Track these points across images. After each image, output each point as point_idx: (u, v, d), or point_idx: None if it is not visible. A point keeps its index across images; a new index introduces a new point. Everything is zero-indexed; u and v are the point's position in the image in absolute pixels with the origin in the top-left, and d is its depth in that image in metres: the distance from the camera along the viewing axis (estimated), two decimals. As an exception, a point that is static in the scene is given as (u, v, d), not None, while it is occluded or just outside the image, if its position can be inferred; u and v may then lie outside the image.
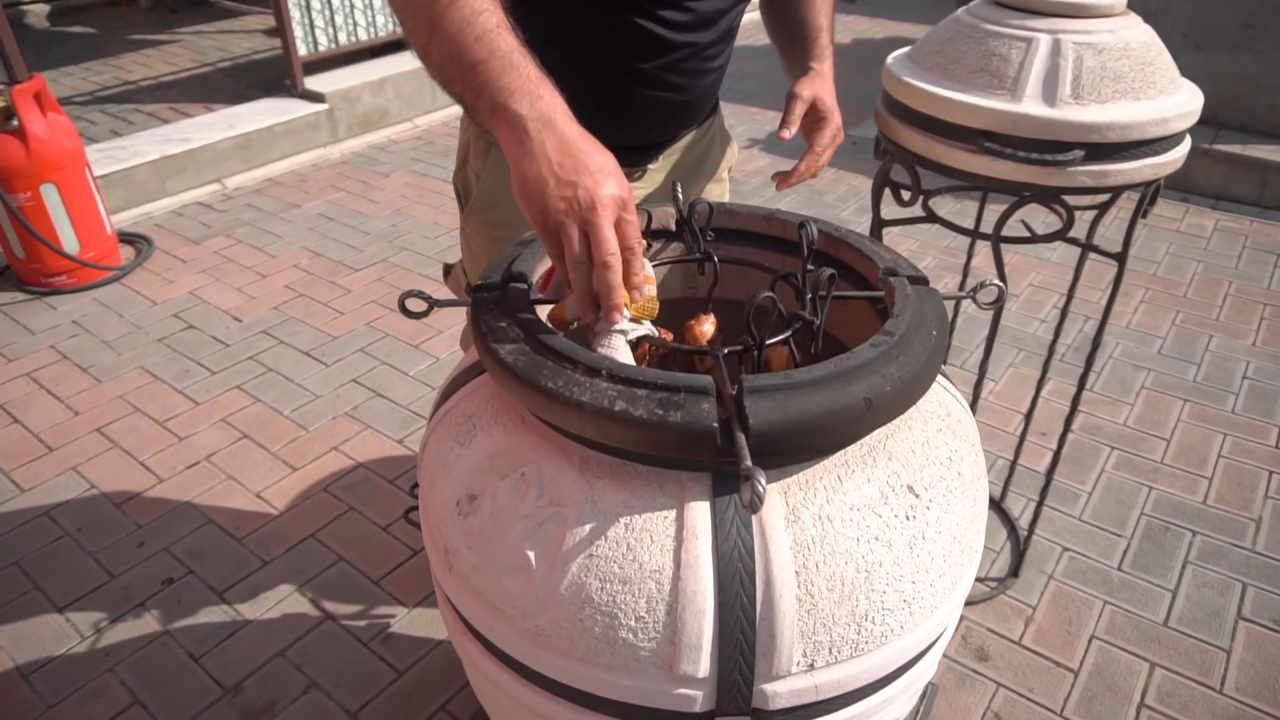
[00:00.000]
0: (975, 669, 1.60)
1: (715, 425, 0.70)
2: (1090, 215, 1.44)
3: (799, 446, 0.74)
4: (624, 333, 0.84)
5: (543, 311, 0.97)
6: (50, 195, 2.74)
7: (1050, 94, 1.22)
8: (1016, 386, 2.39)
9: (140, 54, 5.14)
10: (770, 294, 0.79)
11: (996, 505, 1.96)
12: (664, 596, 0.74)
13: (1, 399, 2.31)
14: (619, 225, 0.78)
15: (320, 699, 1.53)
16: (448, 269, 1.40)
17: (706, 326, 1.05)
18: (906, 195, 1.43)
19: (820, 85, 1.19)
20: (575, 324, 0.86)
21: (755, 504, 0.64)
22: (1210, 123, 3.77)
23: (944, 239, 3.23)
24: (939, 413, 0.89)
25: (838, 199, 3.55)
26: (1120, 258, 1.38)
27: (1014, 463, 1.90)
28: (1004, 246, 1.41)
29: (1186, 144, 1.30)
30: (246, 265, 3.01)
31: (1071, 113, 1.20)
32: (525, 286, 0.89)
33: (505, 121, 0.81)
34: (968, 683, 1.58)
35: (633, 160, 1.25)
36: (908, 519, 0.79)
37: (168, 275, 2.95)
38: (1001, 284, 0.93)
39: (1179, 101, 1.25)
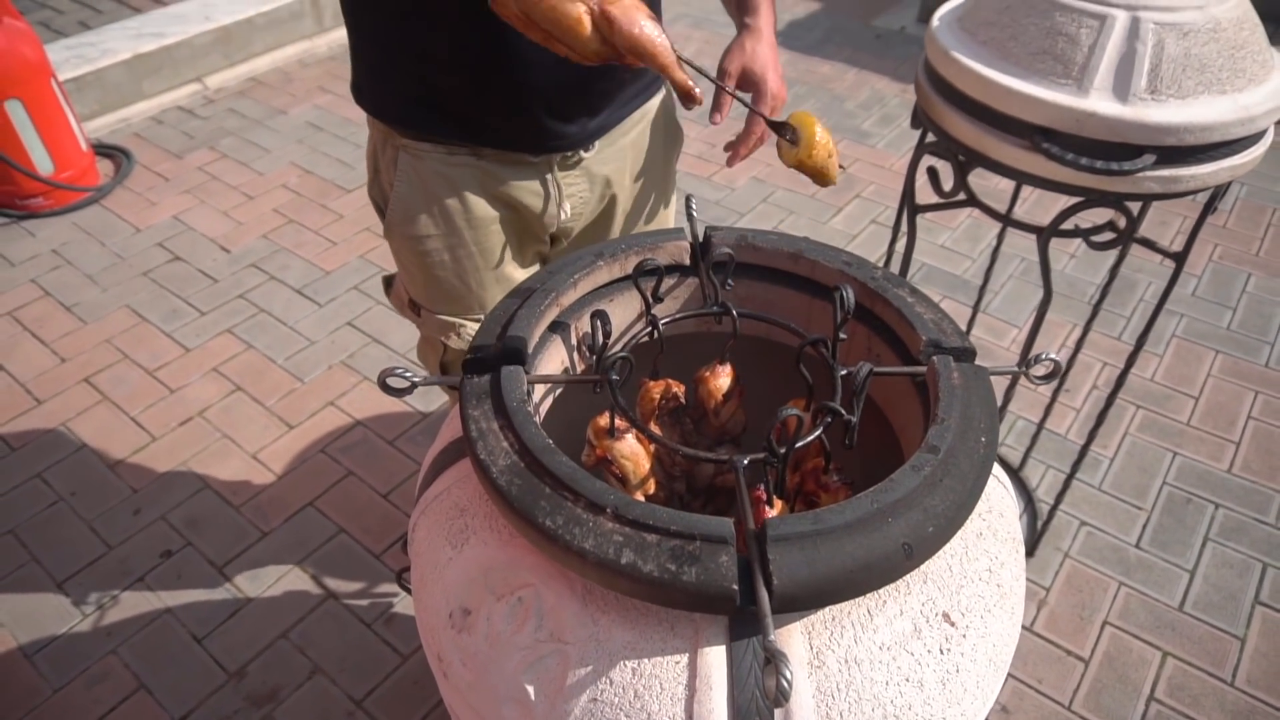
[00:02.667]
0: (984, 656, 1.58)
1: (735, 587, 0.62)
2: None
3: (827, 602, 0.66)
4: None
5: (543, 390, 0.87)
6: (16, 113, 2.55)
7: (1123, 86, 1.06)
8: (1042, 335, 2.28)
9: (106, -76, 4.72)
10: (795, 413, 0.68)
11: (1015, 474, 1.90)
12: (674, 750, 0.68)
13: (-15, 342, 2.23)
14: None
15: (325, 685, 1.53)
16: (388, 283, 1.28)
17: (723, 380, 0.95)
18: (945, 184, 1.29)
19: (751, 49, 1.07)
20: None
21: (780, 699, 0.56)
22: (1271, 18, 3.47)
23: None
24: (980, 510, 0.80)
25: (859, 106, 3.32)
26: (1179, 258, 1.25)
27: (1039, 429, 1.82)
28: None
29: (1269, 136, 1.15)
30: (232, 184, 2.85)
31: (1146, 111, 1.05)
32: (521, 370, 0.79)
33: None
34: (976, 670, 1.56)
35: (558, 140, 1.08)
36: (942, 652, 0.71)
37: (150, 196, 2.80)
38: (1057, 359, 0.82)
39: (1269, 92, 1.09)
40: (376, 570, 1.70)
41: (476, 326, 1.20)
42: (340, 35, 3.84)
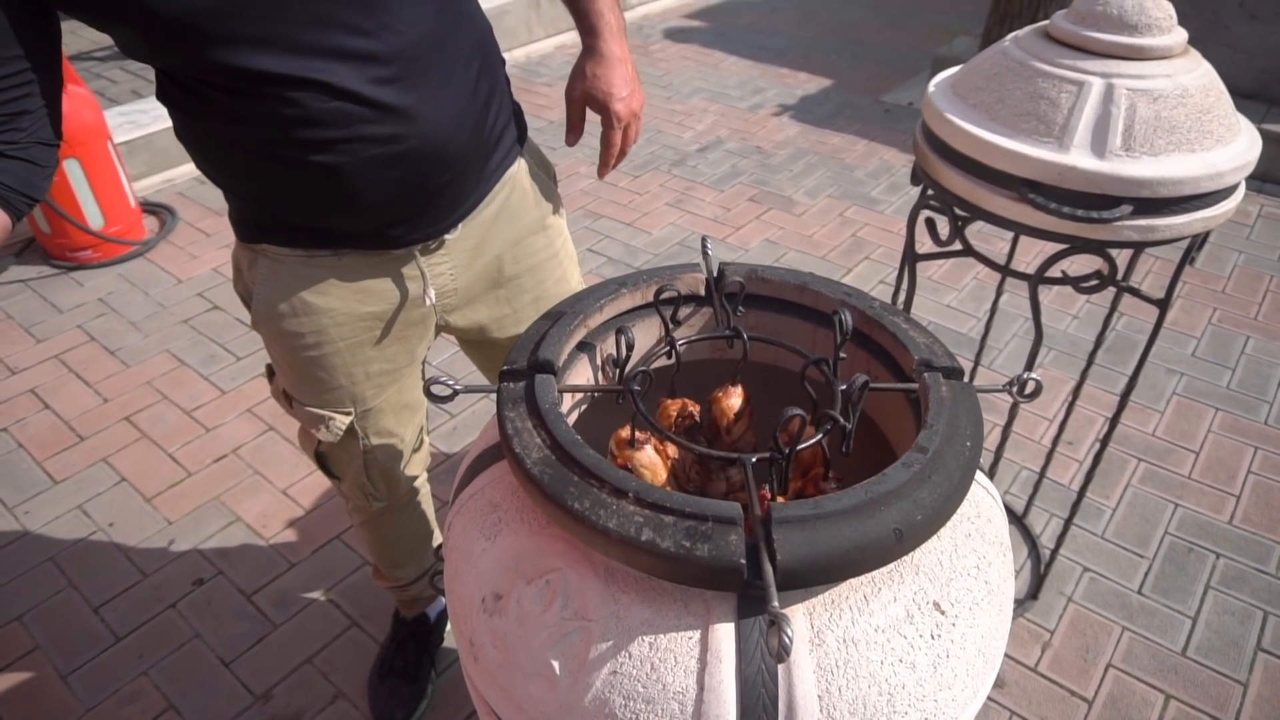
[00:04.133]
0: (990, 696, 1.61)
1: (743, 562, 0.70)
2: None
3: (826, 579, 0.73)
4: None
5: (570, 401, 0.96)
6: (73, 171, 2.72)
7: (1100, 144, 1.17)
8: (1046, 389, 2.36)
9: (159, 3, 5.04)
10: (799, 413, 0.77)
11: (1019, 520, 1.95)
12: (687, 719, 0.74)
13: (33, 382, 2.35)
14: None
15: (347, 709, 1.57)
16: (270, 372, 1.27)
17: (734, 400, 1.03)
18: (942, 232, 1.39)
19: (592, 71, 1.15)
20: None
21: (782, 655, 0.64)
22: (1261, 98, 3.63)
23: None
24: (969, 514, 0.88)
25: (868, 175, 3.46)
26: (1162, 304, 1.34)
27: (1040, 477, 1.88)
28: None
29: (1240, 192, 1.24)
30: (270, 240, 3.00)
31: (1121, 166, 1.15)
32: (552, 378, 0.88)
33: None
34: (982, 710, 1.59)
35: (415, 236, 1.10)
36: (933, 638, 0.78)
37: (191, 250, 2.95)
38: (1038, 378, 0.91)
39: (1235, 152, 1.19)
40: (399, 601, 1.77)
41: (347, 420, 1.20)
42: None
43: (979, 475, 0.95)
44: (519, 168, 1.21)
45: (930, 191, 1.38)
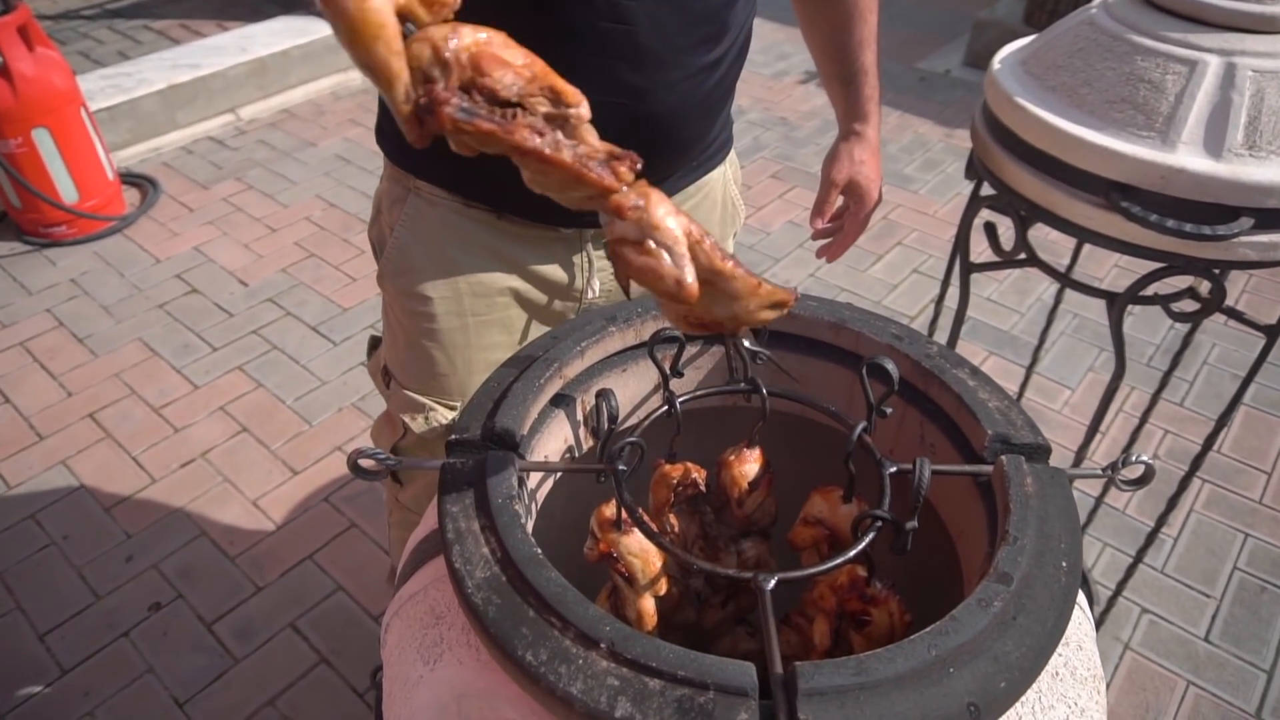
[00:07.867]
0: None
1: (756, 757, 0.50)
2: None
3: (873, 777, 0.53)
4: None
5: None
6: (43, 140, 2.52)
7: (1215, 141, 0.94)
8: (1097, 397, 2.13)
9: (155, -43, 4.80)
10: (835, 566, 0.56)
11: (1068, 552, 1.74)
12: None
13: (-7, 373, 2.18)
14: None
15: (309, 763, 1.41)
16: (373, 345, 1.14)
17: (749, 466, 0.82)
18: (1006, 242, 1.16)
19: (859, 157, 1.11)
20: None
21: None
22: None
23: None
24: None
25: (901, 150, 3.20)
26: (1272, 332, 1.11)
27: (1097, 503, 1.67)
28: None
29: (1381, 199, 1.01)
30: (256, 216, 2.80)
31: (1243, 169, 0.92)
32: (512, 456, 0.67)
33: None
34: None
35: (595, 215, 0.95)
36: (1012, 830, 0.58)
37: (173, 226, 2.76)
38: (1150, 461, 0.69)
39: (1384, 150, 0.95)
40: (372, 634, 1.59)
41: (450, 415, 1.04)
42: (376, 69, 3.82)
43: (1064, 579, 0.74)
44: (718, 176, 1.07)
45: (989, 190, 1.15)
